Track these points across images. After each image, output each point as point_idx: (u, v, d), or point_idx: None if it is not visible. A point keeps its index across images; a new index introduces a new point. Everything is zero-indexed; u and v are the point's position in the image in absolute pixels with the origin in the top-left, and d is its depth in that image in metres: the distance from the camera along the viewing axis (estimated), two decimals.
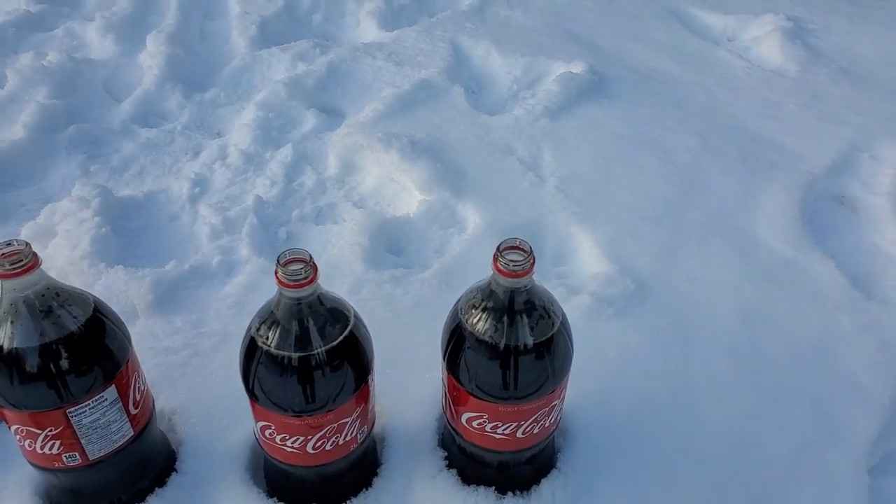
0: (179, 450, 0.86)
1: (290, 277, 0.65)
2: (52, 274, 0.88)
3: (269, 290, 0.71)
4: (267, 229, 1.24)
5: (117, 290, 1.05)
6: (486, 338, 0.67)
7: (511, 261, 0.64)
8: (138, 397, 0.76)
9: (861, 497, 0.85)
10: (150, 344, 0.99)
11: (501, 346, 0.67)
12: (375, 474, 0.83)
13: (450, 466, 0.83)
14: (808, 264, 1.16)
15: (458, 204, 1.26)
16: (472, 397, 0.71)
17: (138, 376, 0.76)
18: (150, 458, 0.81)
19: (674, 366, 0.98)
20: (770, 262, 1.17)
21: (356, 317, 0.72)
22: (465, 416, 0.73)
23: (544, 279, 1.11)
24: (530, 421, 0.72)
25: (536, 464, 0.81)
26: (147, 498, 0.80)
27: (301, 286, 0.65)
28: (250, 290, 1.08)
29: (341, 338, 0.69)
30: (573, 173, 1.36)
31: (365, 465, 0.82)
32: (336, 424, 0.72)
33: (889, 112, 1.54)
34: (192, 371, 0.95)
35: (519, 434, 0.73)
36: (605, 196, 1.30)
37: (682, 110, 1.57)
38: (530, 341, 0.67)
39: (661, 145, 1.45)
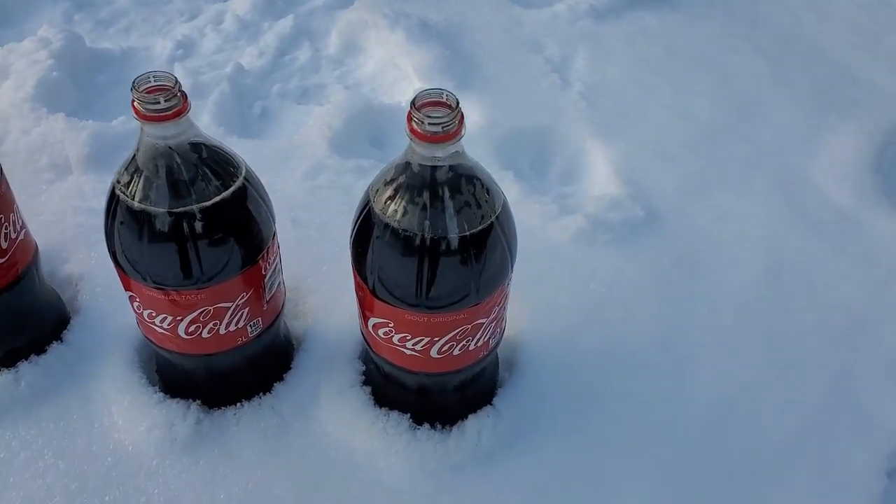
0: (73, 319, 0.75)
1: (147, 106, 0.50)
2: None
3: None
4: (241, 101, 1.10)
5: (54, 139, 0.94)
6: (393, 223, 0.52)
7: (428, 117, 0.47)
8: (5, 245, 0.64)
9: (872, 501, 0.67)
10: (74, 202, 0.88)
11: (410, 235, 0.51)
12: (280, 379, 0.71)
13: (365, 383, 0.69)
14: (868, 220, 0.94)
15: (460, 98, 1.08)
16: (376, 299, 0.56)
17: (9, 222, 0.64)
18: (26, 316, 0.71)
19: (669, 310, 0.80)
20: (821, 210, 0.95)
21: (249, 178, 0.58)
22: (371, 322, 0.59)
23: (544, 197, 0.94)
24: (447, 339, 0.56)
25: (465, 395, 0.66)
26: (18, 364, 0.70)
27: (163, 119, 0.51)
28: None
29: (219, 197, 0.55)
30: (605, 82, 1.15)
31: (265, 366, 0.70)
32: (212, 308, 0.58)
33: None
34: None
35: (433, 353, 0.58)
36: (637, 110, 1.09)
37: (755, 30, 1.31)
38: (451, 234, 0.51)
39: (720, 66, 1.21)
